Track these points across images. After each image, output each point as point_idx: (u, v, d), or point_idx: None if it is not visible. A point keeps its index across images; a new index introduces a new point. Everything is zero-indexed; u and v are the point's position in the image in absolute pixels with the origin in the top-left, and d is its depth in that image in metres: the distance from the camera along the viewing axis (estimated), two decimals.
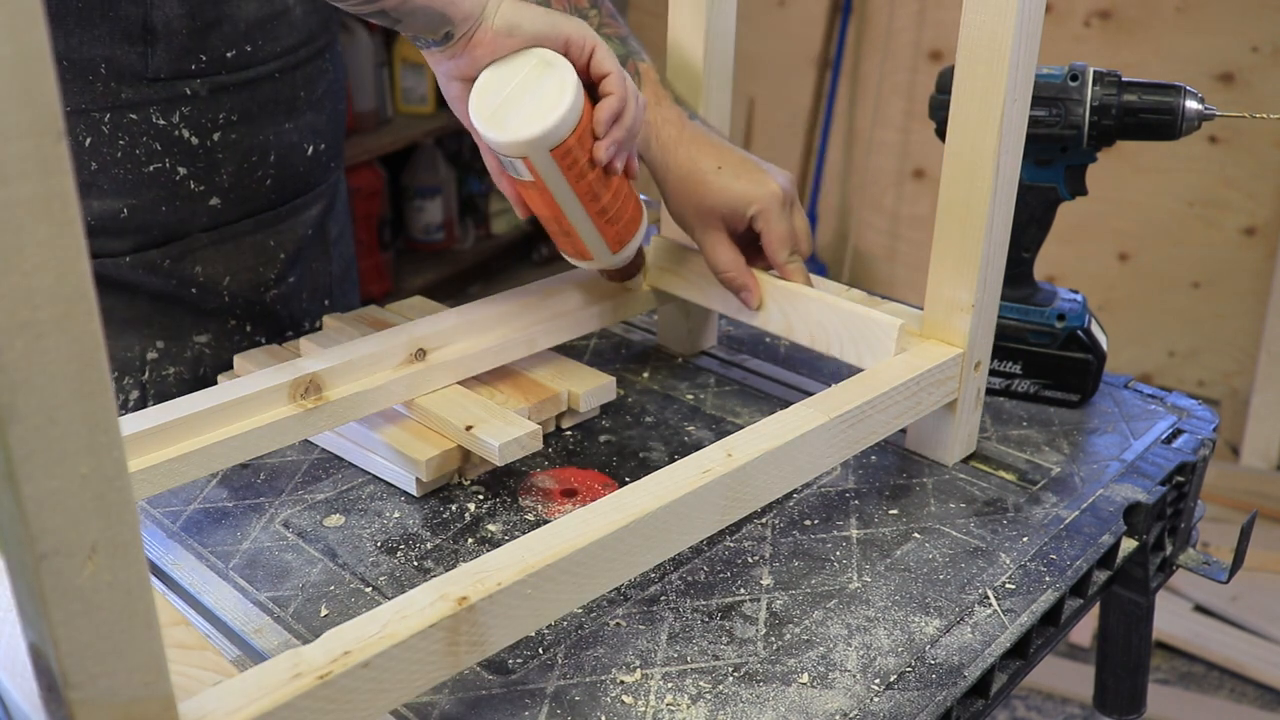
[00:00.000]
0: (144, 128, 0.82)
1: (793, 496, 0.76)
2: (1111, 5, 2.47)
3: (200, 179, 0.85)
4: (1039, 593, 0.66)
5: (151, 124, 0.82)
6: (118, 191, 0.82)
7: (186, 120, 0.83)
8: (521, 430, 0.75)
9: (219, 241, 0.88)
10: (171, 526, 0.72)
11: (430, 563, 0.69)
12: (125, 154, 0.82)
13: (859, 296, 0.85)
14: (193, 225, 0.86)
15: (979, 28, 0.68)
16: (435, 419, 0.77)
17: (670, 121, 0.81)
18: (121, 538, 0.36)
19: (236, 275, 0.90)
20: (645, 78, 0.83)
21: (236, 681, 0.45)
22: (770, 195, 0.79)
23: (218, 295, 0.89)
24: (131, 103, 0.81)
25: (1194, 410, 0.89)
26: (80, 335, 0.33)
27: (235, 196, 0.88)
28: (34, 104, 0.31)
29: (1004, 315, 0.87)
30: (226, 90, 0.84)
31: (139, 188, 0.83)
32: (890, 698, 0.58)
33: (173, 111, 0.82)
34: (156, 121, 0.82)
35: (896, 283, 2.92)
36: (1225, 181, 2.43)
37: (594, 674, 0.60)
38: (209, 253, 0.88)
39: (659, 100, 0.82)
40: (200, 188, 0.86)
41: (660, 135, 0.81)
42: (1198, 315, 2.53)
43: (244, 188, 0.88)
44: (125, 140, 0.81)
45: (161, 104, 0.82)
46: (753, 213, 0.80)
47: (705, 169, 0.80)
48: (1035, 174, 0.86)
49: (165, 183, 0.84)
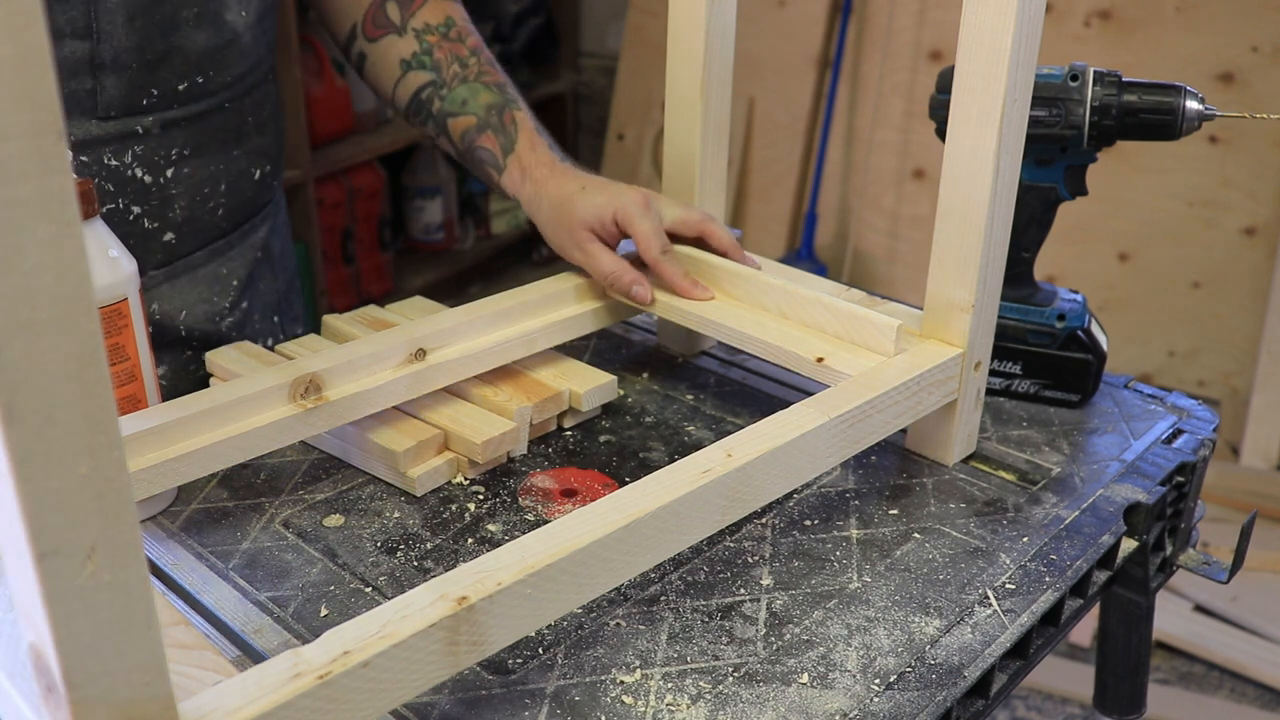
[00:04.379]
0: (95, 169, 0.80)
1: (793, 496, 0.76)
2: (1111, 5, 2.47)
3: (154, 216, 0.84)
4: (1039, 593, 0.66)
5: (104, 165, 0.80)
6: None
7: (139, 159, 0.82)
8: (501, 429, 0.77)
9: (173, 277, 0.87)
10: (171, 526, 0.72)
11: (430, 563, 0.69)
12: None
13: (859, 296, 0.85)
14: (147, 263, 0.85)
15: (979, 28, 0.68)
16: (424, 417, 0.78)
17: (543, 164, 0.89)
18: (121, 538, 0.36)
19: (192, 308, 0.89)
20: (521, 125, 0.90)
21: (236, 681, 0.45)
22: (629, 200, 0.85)
23: (174, 330, 0.89)
24: (82, 144, 0.79)
25: (1194, 410, 0.89)
26: (80, 335, 0.33)
27: (188, 230, 0.87)
28: (34, 104, 0.31)
29: (1004, 315, 0.87)
30: (178, 125, 0.83)
31: None
32: (890, 698, 0.58)
33: (125, 151, 0.81)
34: (109, 163, 0.81)
35: (896, 283, 2.92)
36: (1225, 181, 2.43)
37: (594, 674, 0.60)
38: (164, 289, 0.87)
39: (533, 145, 0.90)
40: (154, 224, 0.85)
41: (534, 175, 0.89)
42: (1198, 315, 2.53)
43: (197, 220, 0.88)
44: None
45: (114, 143, 0.80)
46: (617, 216, 0.85)
47: (570, 191, 0.86)
48: (1035, 174, 0.86)
49: (119, 223, 0.82)
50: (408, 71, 0.92)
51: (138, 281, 0.70)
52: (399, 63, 0.93)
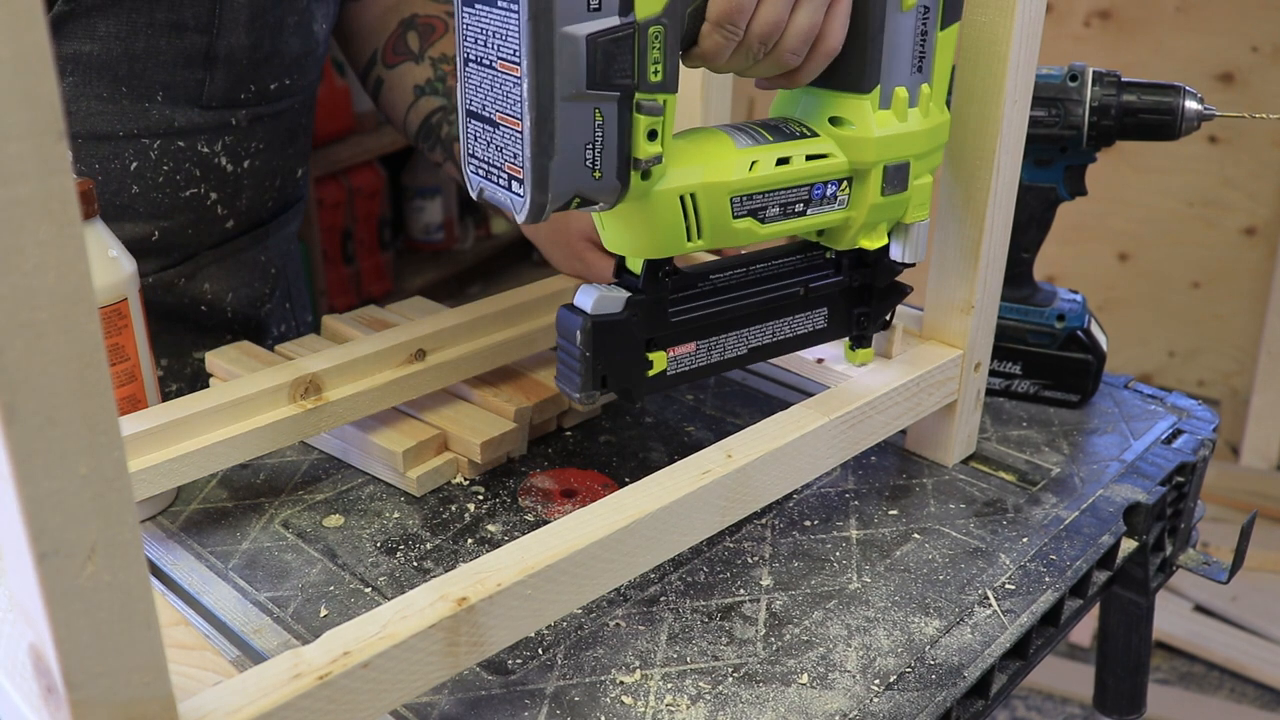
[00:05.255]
0: (188, 154, 0.84)
1: (793, 497, 0.76)
2: (1111, 5, 2.47)
3: (226, 204, 0.89)
4: (1039, 593, 0.66)
5: (196, 151, 0.85)
6: (152, 215, 0.84)
7: (226, 149, 0.86)
8: (501, 429, 0.77)
9: (220, 259, 0.91)
10: (171, 526, 0.72)
11: (430, 563, 0.69)
12: (166, 179, 0.84)
13: None
14: (204, 244, 0.89)
15: (979, 28, 0.68)
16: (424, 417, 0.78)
17: None
18: (121, 538, 0.36)
19: (238, 291, 0.93)
20: None
21: (236, 681, 0.45)
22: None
23: (221, 312, 0.92)
24: (182, 130, 0.83)
25: (1194, 410, 0.89)
26: (80, 335, 0.33)
27: (246, 218, 0.92)
28: (34, 104, 0.31)
29: (1004, 315, 0.87)
30: (261, 121, 0.88)
31: (173, 212, 0.85)
32: (890, 698, 0.58)
33: (216, 140, 0.85)
34: (201, 150, 0.85)
35: None
36: (1225, 181, 2.43)
37: (594, 674, 0.60)
38: (214, 270, 0.91)
39: None
40: (224, 211, 0.89)
41: None
42: (1198, 315, 2.53)
43: (253, 211, 0.92)
44: (169, 166, 0.83)
45: (208, 132, 0.85)
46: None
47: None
48: (1035, 174, 0.86)
49: (197, 207, 0.87)
50: (420, 97, 0.95)
51: (138, 282, 0.70)
52: (413, 88, 0.95)
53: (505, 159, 0.56)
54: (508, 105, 0.54)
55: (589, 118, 0.54)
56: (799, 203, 0.64)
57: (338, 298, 2.67)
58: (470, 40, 0.55)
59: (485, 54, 0.55)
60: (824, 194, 0.65)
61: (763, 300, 0.68)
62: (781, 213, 0.64)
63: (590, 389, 0.62)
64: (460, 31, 0.56)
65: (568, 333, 0.62)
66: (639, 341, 0.63)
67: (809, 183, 0.64)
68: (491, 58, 0.54)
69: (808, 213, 0.65)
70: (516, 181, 0.55)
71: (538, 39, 0.51)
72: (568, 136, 0.54)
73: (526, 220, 0.55)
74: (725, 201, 0.61)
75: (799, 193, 0.64)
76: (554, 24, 0.51)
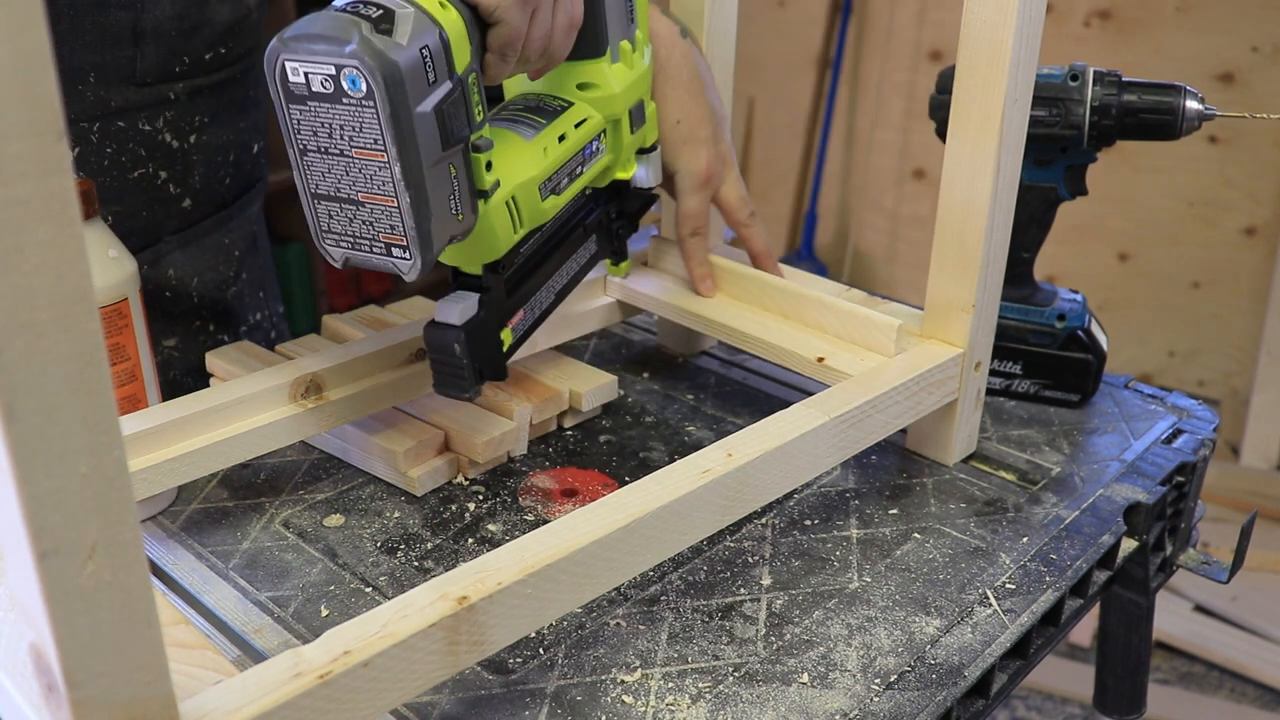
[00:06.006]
0: (130, 134, 0.83)
1: (793, 496, 0.76)
2: (1111, 5, 2.47)
3: (178, 181, 0.88)
4: (1039, 593, 0.66)
5: (137, 130, 0.84)
6: (104, 199, 0.83)
7: (169, 124, 0.85)
8: (501, 429, 0.77)
9: (185, 244, 0.90)
10: (171, 526, 0.72)
11: (430, 563, 0.69)
12: (112, 161, 0.83)
13: (859, 296, 0.85)
14: (165, 228, 0.88)
15: (979, 28, 0.68)
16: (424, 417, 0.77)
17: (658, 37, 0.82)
18: (121, 538, 0.36)
19: (203, 275, 0.92)
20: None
21: (236, 681, 0.45)
22: (688, 173, 0.84)
23: (187, 297, 0.91)
24: (119, 109, 0.82)
25: (1194, 410, 0.89)
26: (80, 335, 0.33)
27: (202, 197, 0.91)
28: (34, 104, 0.31)
29: (1004, 315, 0.87)
30: (202, 93, 0.87)
31: (124, 194, 0.84)
32: (890, 698, 0.58)
33: (157, 116, 0.84)
34: (142, 127, 0.84)
35: (896, 283, 2.92)
36: (1225, 181, 2.43)
37: (594, 674, 0.60)
38: (178, 255, 0.90)
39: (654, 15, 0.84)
40: (177, 190, 0.88)
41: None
42: (1198, 315, 2.53)
43: (209, 188, 0.91)
44: (113, 148, 0.83)
45: (147, 109, 0.84)
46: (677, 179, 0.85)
47: (666, 117, 0.83)
48: (1035, 174, 0.86)
49: (147, 187, 0.86)
50: None
51: (138, 282, 0.70)
52: None
53: (378, 231, 0.61)
54: (373, 186, 0.59)
55: (446, 174, 0.61)
56: (578, 166, 0.75)
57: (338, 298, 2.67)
58: (308, 134, 0.59)
59: (333, 145, 0.59)
60: (592, 150, 0.76)
61: (559, 250, 0.79)
62: (569, 179, 0.74)
63: (475, 386, 0.70)
64: (290, 127, 0.59)
65: (443, 347, 0.69)
66: (495, 330, 0.71)
67: (582, 147, 0.74)
68: (342, 148, 0.59)
69: (583, 170, 0.75)
70: (398, 248, 0.61)
71: (399, 127, 0.57)
72: (436, 196, 0.61)
73: (417, 277, 0.62)
74: (535, 191, 0.70)
75: (578, 159, 0.74)
76: (410, 110, 0.57)
